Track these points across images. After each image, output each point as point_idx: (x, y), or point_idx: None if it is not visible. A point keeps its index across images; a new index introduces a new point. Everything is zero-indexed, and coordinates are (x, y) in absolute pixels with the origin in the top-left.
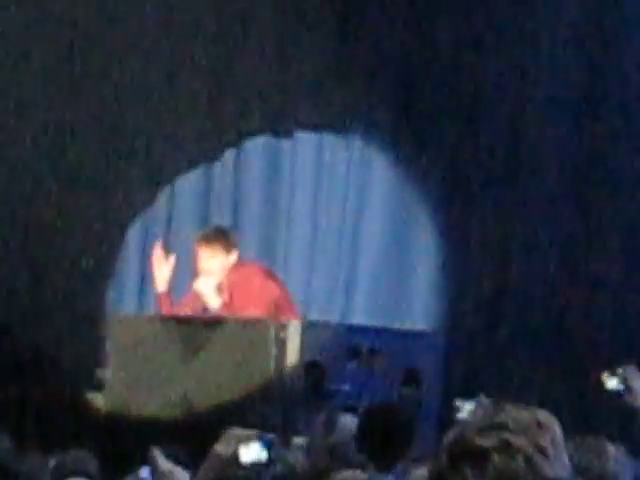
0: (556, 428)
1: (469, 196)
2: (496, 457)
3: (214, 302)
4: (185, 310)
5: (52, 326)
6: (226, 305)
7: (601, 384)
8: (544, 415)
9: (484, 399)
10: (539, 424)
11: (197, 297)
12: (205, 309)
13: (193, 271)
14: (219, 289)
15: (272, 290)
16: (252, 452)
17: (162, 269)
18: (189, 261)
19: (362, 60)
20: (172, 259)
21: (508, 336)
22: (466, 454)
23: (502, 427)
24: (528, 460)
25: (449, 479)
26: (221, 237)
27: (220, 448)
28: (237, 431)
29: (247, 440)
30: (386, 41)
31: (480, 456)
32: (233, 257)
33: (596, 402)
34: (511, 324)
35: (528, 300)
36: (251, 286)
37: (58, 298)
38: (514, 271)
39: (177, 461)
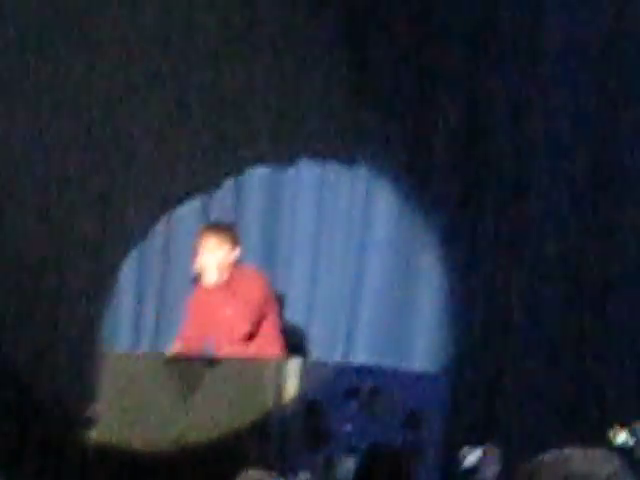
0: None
1: (475, 232)
2: None
3: (211, 277)
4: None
5: (46, 361)
6: (219, 287)
7: (609, 440)
8: (617, 463)
9: (490, 448)
10: (615, 474)
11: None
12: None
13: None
14: (219, 269)
15: (262, 289)
16: None
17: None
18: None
19: (367, 91)
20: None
21: (514, 379)
22: None
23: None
24: None
25: None
26: (229, 231)
27: None
28: (253, 473)
29: None
30: (390, 74)
31: None
32: (236, 253)
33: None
34: (517, 367)
35: (534, 343)
36: (246, 281)
37: (53, 334)
38: (519, 313)
39: None
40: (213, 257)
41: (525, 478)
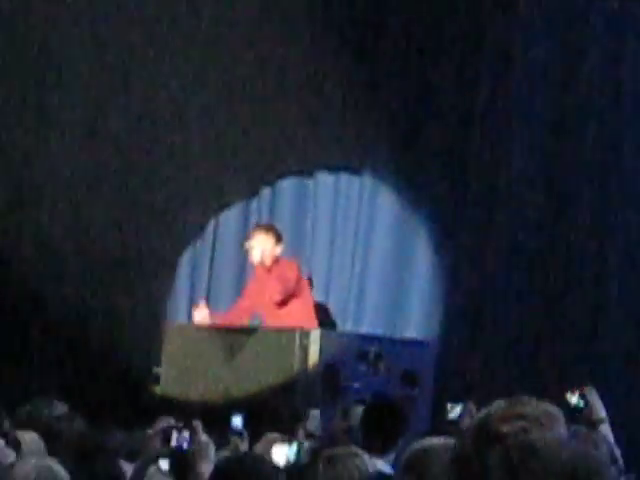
0: (562, 418)
1: (462, 226)
2: (514, 441)
3: (255, 255)
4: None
5: (123, 331)
6: (264, 270)
7: (565, 400)
8: (553, 408)
9: (471, 404)
10: (550, 415)
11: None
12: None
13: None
14: (263, 254)
15: (294, 273)
16: (283, 453)
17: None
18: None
19: (372, 114)
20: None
21: (491, 345)
22: (489, 439)
23: (520, 416)
24: (541, 444)
25: (472, 461)
26: (275, 231)
27: (258, 448)
28: (273, 435)
29: (280, 443)
30: (392, 99)
31: (500, 440)
32: (279, 249)
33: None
34: (494, 334)
35: (508, 315)
36: (283, 267)
37: (130, 309)
38: (496, 291)
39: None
40: (259, 243)
41: (484, 417)
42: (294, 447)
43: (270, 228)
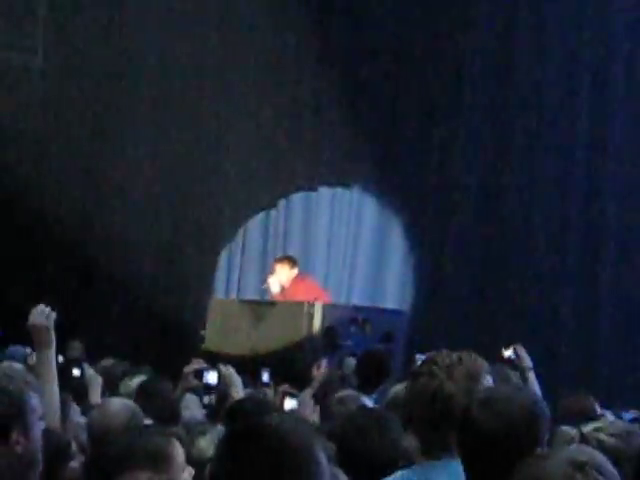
0: (471, 364)
1: (426, 224)
2: (424, 378)
3: (274, 290)
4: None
5: (180, 304)
6: (281, 294)
7: (501, 352)
8: (467, 356)
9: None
10: (460, 360)
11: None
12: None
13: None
14: (280, 286)
15: (315, 289)
16: (290, 404)
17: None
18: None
19: (358, 145)
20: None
21: (449, 312)
22: (412, 375)
23: (434, 363)
24: (444, 380)
25: (420, 379)
26: (290, 259)
27: (275, 399)
28: (284, 387)
29: (289, 397)
30: (374, 133)
31: (414, 377)
32: (295, 271)
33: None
34: (450, 304)
35: (461, 290)
36: (306, 287)
37: (185, 288)
38: (452, 272)
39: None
40: (278, 275)
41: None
42: (295, 400)
43: (283, 258)
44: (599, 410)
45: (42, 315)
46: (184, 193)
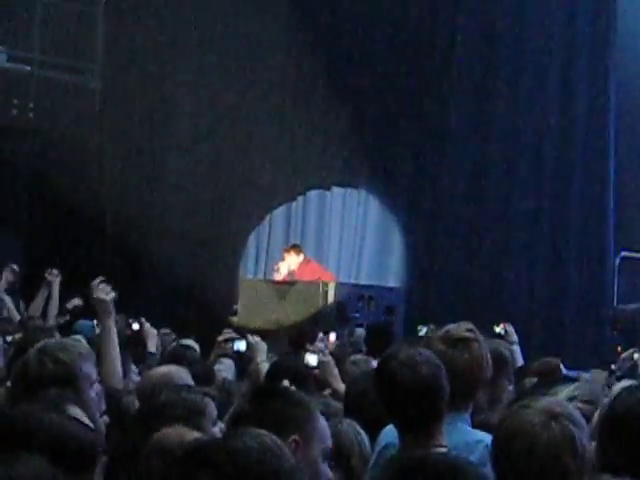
0: (464, 333)
1: (421, 219)
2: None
3: (283, 273)
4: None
5: (215, 282)
6: (289, 276)
7: (492, 329)
8: (464, 327)
9: (432, 326)
10: (466, 330)
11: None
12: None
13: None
14: (288, 270)
15: (321, 271)
16: (313, 359)
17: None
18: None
19: (365, 152)
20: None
21: (441, 290)
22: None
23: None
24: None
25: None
26: (295, 247)
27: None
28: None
29: (310, 353)
30: (379, 141)
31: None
32: (301, 256)
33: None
34: (442, 283)
35: (454, 270)
36: (311, 269)
37: (219, 269)
38: (442, 256)
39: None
40: (284, 266)
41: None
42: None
43: (290, 248)
44: (564, 371)
45: (104, 291)
46: (220, 192)
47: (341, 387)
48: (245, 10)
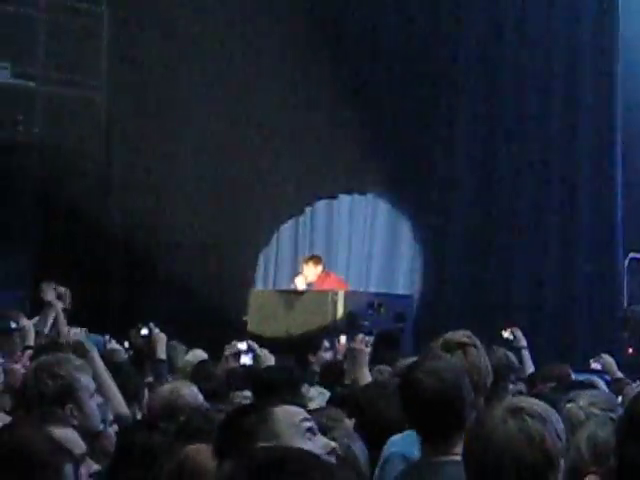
0: (466, 339)
1: (428, 225)
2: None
3: (300, 288)
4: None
5: (226, 293)
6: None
7: (501, 334)
8: (462, 333)
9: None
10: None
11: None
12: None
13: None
14: (306, 282)
15: (338, 283)
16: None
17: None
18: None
19: (372, 159)
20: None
21: (450, 297)
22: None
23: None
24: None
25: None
26: (315, 258)
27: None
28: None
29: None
30: (386, 152)
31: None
32: (320, 268)
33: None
34: (452, 290)
35: (462, 277)
36: (329, 281)
37: (230, 281)
38: (450, 265)
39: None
40: (306, 273)
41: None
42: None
43: (311, 258)
44: (573, 376)
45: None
46: (231, 205)
47: (365, 378)
48: (251, 19)
